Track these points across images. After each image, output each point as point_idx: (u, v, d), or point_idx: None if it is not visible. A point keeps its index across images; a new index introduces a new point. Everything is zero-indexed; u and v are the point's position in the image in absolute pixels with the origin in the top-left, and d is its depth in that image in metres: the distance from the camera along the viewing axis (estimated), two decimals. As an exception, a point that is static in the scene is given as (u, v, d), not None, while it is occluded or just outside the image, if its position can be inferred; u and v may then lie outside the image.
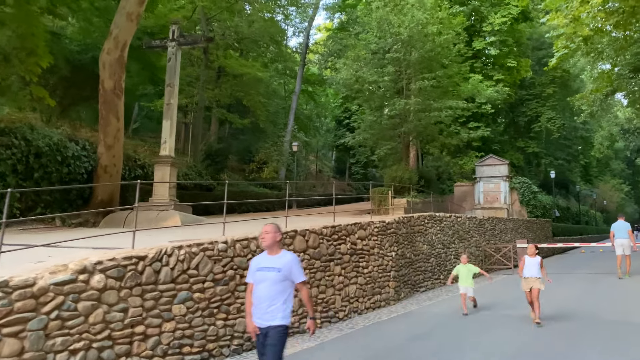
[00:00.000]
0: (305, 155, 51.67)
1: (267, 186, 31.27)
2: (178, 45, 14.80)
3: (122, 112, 13.52)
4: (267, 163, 31.60)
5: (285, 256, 4.78)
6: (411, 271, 13.63)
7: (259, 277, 4.67)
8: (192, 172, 20.62)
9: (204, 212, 20.45)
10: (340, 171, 54.46)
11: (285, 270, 4.62)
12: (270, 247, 4.81)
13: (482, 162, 31.02)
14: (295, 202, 29.56)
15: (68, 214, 11.85)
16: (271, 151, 31.52)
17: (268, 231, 4.80)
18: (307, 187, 42.03)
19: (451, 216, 17.07)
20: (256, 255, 7.91)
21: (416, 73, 22.99)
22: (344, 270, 10.30)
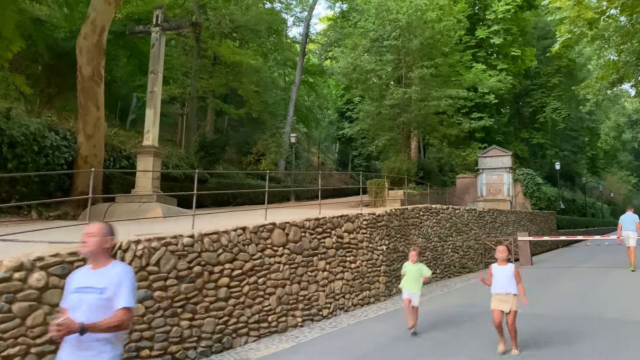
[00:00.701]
0: (307, 147, 51.11)
1: (264, 178, 30.68)
2: (162, 30, 14.19)
3: (102, 100, 12.96)
4: (265, 155, 31.03)
5: (114, 269, 3.21)
6: (405, 265, 13.01)
7: (74, 302, 3.13)
8: (183, 164, 20.06)
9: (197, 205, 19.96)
10: (343, 164, 53.89)
11: (111, 291, 3.09)
12: (94, 256, 3.24)
13: (485, 154, 30.32)
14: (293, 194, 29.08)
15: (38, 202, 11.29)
16: (269, 143, 30.92)
17: (92, 233, 3.24)
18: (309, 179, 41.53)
19: (448, 208, 16.43)
20: (216, 251, 7.44)
21: (415, 61, 22.30)
22: (329, 265, 9.72)
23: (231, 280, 7.51)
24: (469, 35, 35.76)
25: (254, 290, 7.90)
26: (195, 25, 14.17)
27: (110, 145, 15.55)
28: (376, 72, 22.70)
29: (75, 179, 13.29)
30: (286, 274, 8.56)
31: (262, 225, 8.23)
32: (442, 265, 15.35)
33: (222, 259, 7.41)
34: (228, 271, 7.47)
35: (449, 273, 15.70)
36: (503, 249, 6.99)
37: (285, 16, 41.32)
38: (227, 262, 7.48)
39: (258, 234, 8.12)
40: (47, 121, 14.13)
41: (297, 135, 30.95)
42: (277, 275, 8.38)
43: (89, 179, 13.34)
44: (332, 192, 35.22)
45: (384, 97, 22.66)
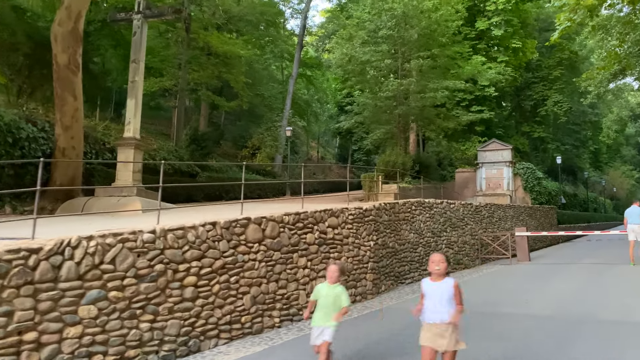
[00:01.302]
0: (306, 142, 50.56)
1: (261, 172, 30.25)
2: (144, 17, 13.65)
3: (80, 90, 12.44)
4: (261, 149, 30.55)
5: None
6: (395, 262, 12.52)
7: None
8: (172, 157, 19.55)
9: (186, 200, 19.49)
10: (343, 158, 53.40)
11: None
12: None
13: (485, 147, 29.78)
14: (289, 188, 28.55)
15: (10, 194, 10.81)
16: (264, 136, 30.40)
17: None
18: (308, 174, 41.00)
19: (442, 202, 15.90)
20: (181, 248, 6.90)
21: (412, 52, 21.71)
22: (311, 262, 9.21)
23: (199, 279, 7.01)
24: (468, 27, 35.13)
25: (226, 289, 7.40)
26: (178, 12, 13.57)
27: (93, 138, 15.06)
28: (371, 63, 22.11)
29: (53, 171, 12.81)
30: (262, 271, 8.06)
31: (235, 220, 7.72)
32: (436, 262, 14.81)
33: (189, 257, 6.91)
34: (195, 269, 6.97)
35: (443, 269, 15.16)
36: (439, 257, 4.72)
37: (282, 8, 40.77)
38: (194, 259, 6.97)
39: (230, 229, 7.61)
40: (26, 112, 13.61)
41: (292, 129, 30.43)
42: (252, 273, 7.88)
43: (68, 172, 12.98)
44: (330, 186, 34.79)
45: (380, 89, 22.08)
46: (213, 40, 21.00)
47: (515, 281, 13.25)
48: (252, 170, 29.90)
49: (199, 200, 20.57)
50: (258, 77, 36.65)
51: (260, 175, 29.38)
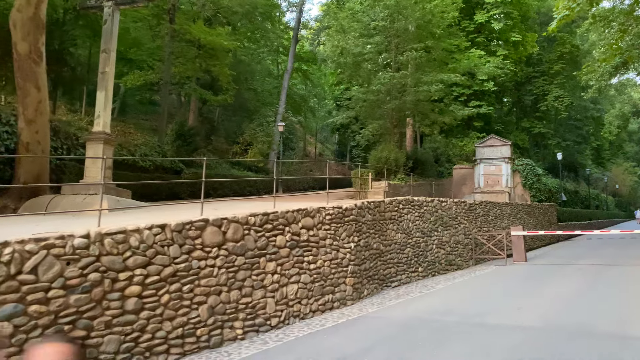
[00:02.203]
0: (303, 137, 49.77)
1: (252, 169, 29.50)
2: (115, 5, 12.87)
3: (43, 81, 11.68)
4: (253, 145, 29.79)
5: None
6: (379, 264, 11.75)
7: None
8: (154, 153, 18.79)
9: (169, 197, 18.75)
10: (342, 154, 52.67)
11: None
12: None
13: (483, 143, 29.01)
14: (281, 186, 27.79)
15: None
16: (256, 132, 29.62)
17: None
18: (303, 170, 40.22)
19: (433, 200, 15.11)
20: (122, 254, 6.13)
21: (405, 44, 20.86)
22: (281, 267, 8.44)
23: (144, 288, 6.25)
24: (467, 20, 34.31)
25: (177, 299, 6.64)
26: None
27: (65, 133, 14.30)
28: (364, 55, 21.29)
29: (17, 168, 12.06)
30: (222, 279, 7.30)
31: (188, 222, 6.95)
32: (426, 263, 14.06)
33: (131, 264, 6.15)
34: (140, 278, 6.21)
35: (433, 271, 14.42)
36: None
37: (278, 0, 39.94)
38: (137, 267, 6.22)
39: (183, 232, 6.85)
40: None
41: (287, 125, 29.70)
42: (210, 280, 7.12)
43: (32, 169, 12.23)
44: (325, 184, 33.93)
45: (372, 82, 21.27)
46: (195, 30, 20.21)
47: (508, 284, 12.48)
48: (243, 167, 29.16)
49: (184, 197, 19.85)
50: (251, 72, 35.89)
51: (251, 172, 28.61)
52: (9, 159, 12.23)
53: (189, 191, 20.50)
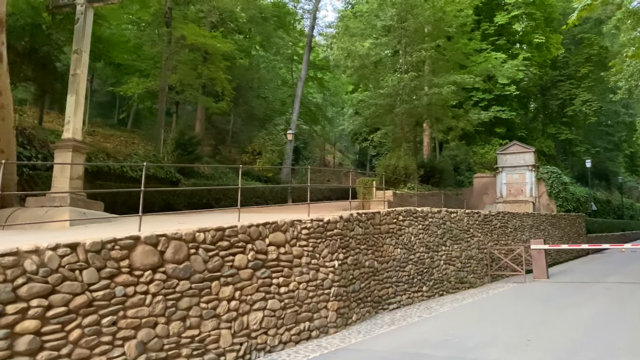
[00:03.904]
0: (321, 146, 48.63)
1: (261, 179, 28.40)
2: (88, 2, 11.92)
3: (5, 84, 10.72)
4: (262, 154, 28.73)
5: None
6: (374, 284, 10.37)
7: None
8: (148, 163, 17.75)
9: (164, 209, 17.70)
10: (362, 164, 51.34)
11: None
12: None
13: (505, 150, 27.32)
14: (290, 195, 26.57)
15: None
16: (265, 141, 28.55)
17: None
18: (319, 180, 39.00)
19: (440, 211, 13.64)
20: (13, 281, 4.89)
21: (414, 44, 19.50)
22: (241, 292, 7.16)
23: (44, 323, 5.05)
24: (487, 22, 32.73)
25: (93, 335, 5.42)
26: (125, -5, 11.85)
27: (40, 141, 13.37)
28: (370, 57, 20.00)
29: (-22, 179, 11.09)
30: (158, 308, 6.05)
31: (111, 241, 5.74)
32: (431, 281, 12.59)
33: (25, 293, 4.96)
34: (38, 310, 5.02)
35: (440, 290, 12.93)
36: None
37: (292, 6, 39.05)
38: (34, 296, 5.02)
39: (103, 253, 5.64)
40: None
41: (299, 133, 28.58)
42: (141, 311, 5.88)
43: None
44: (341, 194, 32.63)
45: (380, 85, 19.94)
46: (187, 31, 19.29)
47: (522, 307, 10.92)
48: (252, 177, 28.09)
49: (179, 209, 18.78)
50: (265, 79, 34.97)
51: (260, 181, 27.51)
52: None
53: (187, 203, 19.43)
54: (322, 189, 31.73)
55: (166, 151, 21.24)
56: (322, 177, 41.16)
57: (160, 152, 20.29)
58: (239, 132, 35.33)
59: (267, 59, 35.58)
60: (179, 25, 19.72)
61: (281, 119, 31.65)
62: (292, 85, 39.84)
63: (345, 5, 39.03)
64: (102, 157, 15.70)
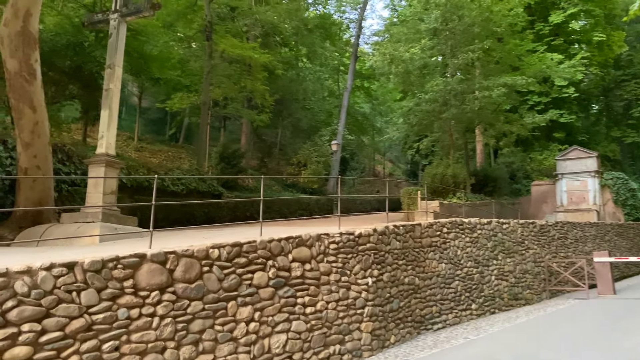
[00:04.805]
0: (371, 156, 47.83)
1: (307, 190, 27.99)
2: (120, 16, 11.92)
3: (39, 101, 10.82)
4: (307, 165, 28.34)
5: None
6: (415, 302, 9.58)
7: None
8: (190, 177, 17.73)
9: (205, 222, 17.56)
10: (414, 174, 50.14)
11: None
12: None
13: (564, 156, 25.67)
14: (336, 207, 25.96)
15: None
16: (311, 152, 28.15)
17: None
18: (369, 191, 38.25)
19: (490, 222, 12.64)
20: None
21: (460, 46, 18.57)
22: (261, 312, 6.63)
23: (37, 349, 4.69)
24: (541, 22, 31.15)
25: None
26: (156, 7, 11.72)
27: (79, 156, 13.47)
28: (414, 62, 19.23)
29: (17, 195, 11.22)
30: (166, 331, 5.60)
31: (113, 259, 5.35)
32: (481, 298, 11.61)
33: (15, 317, 4.61)
34: (30, 336, 4.66)
35: (492, 308, 11.91)
36: None
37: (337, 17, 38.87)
38: (26, 320, 4.67)
39: (104, 273, 5.25)
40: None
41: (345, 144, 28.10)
42: (147, 335, 5.45)
43: (32, 195, 11.35)
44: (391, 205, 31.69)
45: (425, 90, 19.12)
46: (224, 43, 19.22)
47: (586, 327, 9.79)
48: (298, 189, 27.74)
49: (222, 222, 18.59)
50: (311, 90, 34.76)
51: (306, 193, 27.11)
52: (10, 186, 11.44)
53: (230, 215, 19.25)
54: (371, 200, 30.96)
55: (210, 165, 21.20)
56: (372, 188, 40.39)
57: (204, 166, 20.22)
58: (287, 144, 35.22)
59: (313, 71, 35.37)
60: (219, 39, 19.74)
61: (327, 130, 31.20)
62: (339, 95, 39.46)
63: (392, 13, 38.39)
64: (143, 172, 15.72)
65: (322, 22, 34.77)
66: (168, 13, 22.20)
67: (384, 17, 48.41)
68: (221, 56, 20.42)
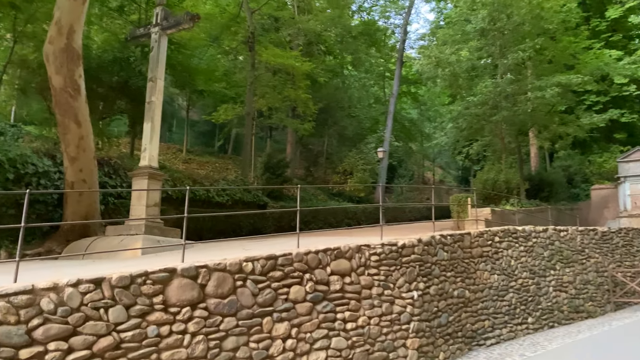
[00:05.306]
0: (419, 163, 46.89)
1: (353, 199, 27.58)
2: (162, 30, 12.01)
3: (84, 116, 10.98)
4: (353, 173, 27.96)
5: None
6: (465, 316, 9.02)
7: None
8: (234, 187, 17.74)
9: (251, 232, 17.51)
10: (466, 180, 48.80)
11: None
12: None
13: (627, 157, 24.15)
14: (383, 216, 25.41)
15: None
16: (356, 160, 27.77)
17: None
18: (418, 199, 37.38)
19: (547, 230, 11.86)
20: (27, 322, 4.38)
21: (509, 45, 17.78)
22: (298, 329, 6.31)
23: (64, 369, 4.54)
24: (597, 19, 29.63)
25: (122, 381, 4.83)
26: (195, 19, 11.73)
27: (126, 170, 13.65)
28: (462, 63, 18.57)
29: (64, 209, 11.44)
30: (198, 349, 5.37)
31: (142, 274, 5.17)
32: (538, 312, 10.86)
33: (41, 336, 4.48)
34: (55, 354, 4.52)
35: (550, 321, 11.12)
36: None
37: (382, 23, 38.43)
38: (53, 339, 4.54)
39: (132, 289, 5.08)
40: (46, 146, 12.58)
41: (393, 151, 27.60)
42: (178, 353, 5.23)
43: (79, 209, 11.54)
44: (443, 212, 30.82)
45: (473, 92, 18.40)
46: (266, 54, 19.19)
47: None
48: (344, 197, 27.39)
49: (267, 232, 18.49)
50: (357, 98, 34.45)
51: (352, 202, 26.72)
52: (59, 200, 11.69)
53: (275, 226, 19.14)
54: (421, 208, 30.18)
55: (255, 175, 21.20)
56: (422, 196, 39.47)
57: (249, 176, 20.24)
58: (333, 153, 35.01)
59: (358, 78, 35.08)
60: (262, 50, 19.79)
61: (373, 137, 30.76)
62: (385, 102, 38.94)
63: (437, 15, 37.59)
64: (188, 183, 15.82)
65: (367, 29, 34.46)
66: (212, 27, 22.52)
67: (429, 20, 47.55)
68: (265, 66, 20.44)
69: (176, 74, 18.62)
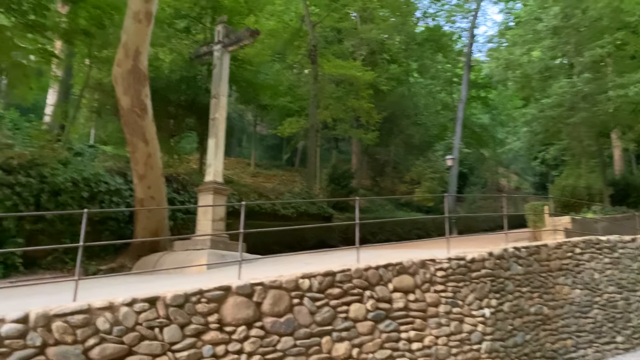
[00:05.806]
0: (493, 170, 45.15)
1: (422, 209, 26.85)
2: (223, 47, 12.22)
3: (151, 134, 11.31)
4: (420, 183, 27.23)
5: None
6: (544, 335, 8.32)
7: None
8: (298, 200, 17.74)
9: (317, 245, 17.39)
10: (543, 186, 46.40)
11: None
12: None
13: None
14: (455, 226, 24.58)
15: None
16: (424, 169, 27.04)
17: None
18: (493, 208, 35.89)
19: (635, 239, 10.83)
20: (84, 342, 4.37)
21: (585, 42, 16.65)
22: (359, 349, 6.01)
23: (120, 390, 4.53)
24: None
25: (178, 403, 4.76)
26: (255, 34, 11.83)
27: (192, 184, 13.98)
28: (534, 64, 17.61)
29: (135, 225, 11.83)
30: (254, 370, 5.22)
31: (196, 292, 5.09)
32: (628, 330, 9.88)
33: (97, 356, 4.49)
34: (112, 375, 4.51)
35: (643, 341, 10.09)
36: None
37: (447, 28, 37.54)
38: (109, 359, 4.53)
39: (187, 307, 5.01)
40: (118, 164, 13.10)
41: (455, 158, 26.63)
42: (234, 373, 5.10)
43: (149, 225, 11.88)
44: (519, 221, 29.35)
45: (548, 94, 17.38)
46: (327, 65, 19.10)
47: None
48: (412, 207, 26.76)
49: (334, 245, 18.30)
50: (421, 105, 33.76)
51: (421, 212, 26.03)
52: (130, 216, 12.11)
53: (341, 237, 18.92)
54: (495, 217, 28.90)
55: (321, 187, 21.13)
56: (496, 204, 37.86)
57: (315, 188, 20.20)
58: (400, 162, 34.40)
59: (424, 85, 34.36)
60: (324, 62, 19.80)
61: (441, 144, 29.89)
62: (453, 108, 37.88)
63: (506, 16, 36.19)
64: (254, 197, 15.98)
65: (432, 35, 33.74)
66: (276, 42, 22.85)
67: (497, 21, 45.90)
68: (328, 78, 20.44)
69: (241, 90, 18.97)
